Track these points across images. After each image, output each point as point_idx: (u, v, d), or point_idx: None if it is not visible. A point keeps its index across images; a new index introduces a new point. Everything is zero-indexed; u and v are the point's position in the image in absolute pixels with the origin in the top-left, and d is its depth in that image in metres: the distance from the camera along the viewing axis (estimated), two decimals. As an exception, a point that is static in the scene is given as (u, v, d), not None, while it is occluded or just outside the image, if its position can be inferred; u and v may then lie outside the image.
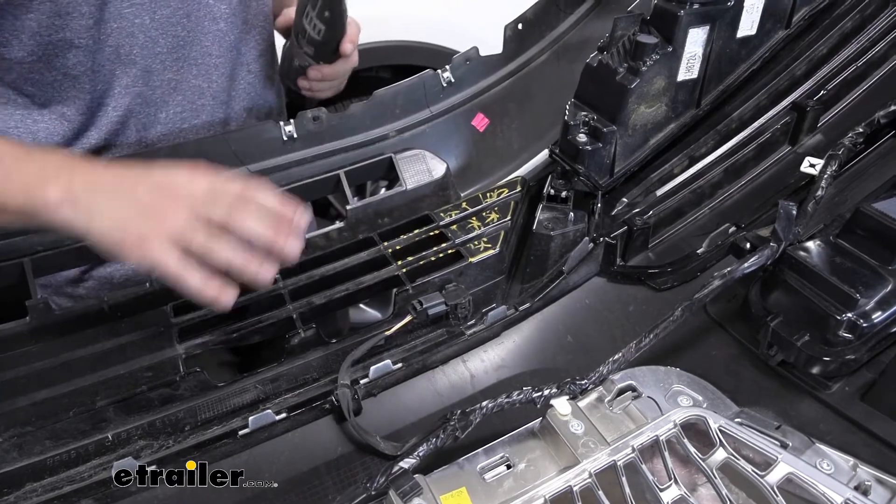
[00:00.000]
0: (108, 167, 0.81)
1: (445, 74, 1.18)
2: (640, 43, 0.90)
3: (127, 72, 1.04)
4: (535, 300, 0.95)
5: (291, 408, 0.83)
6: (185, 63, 1.09)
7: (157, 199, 0.77)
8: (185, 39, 1.08)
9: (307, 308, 0.91)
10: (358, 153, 1.13)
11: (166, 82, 1.09)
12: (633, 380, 0.77)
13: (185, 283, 0.76)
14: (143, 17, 1.02)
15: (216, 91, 1.15)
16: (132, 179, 0.79)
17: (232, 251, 0.76)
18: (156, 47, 1.05)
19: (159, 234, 0.75)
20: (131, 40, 1.02)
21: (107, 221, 0.77)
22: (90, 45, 0.99)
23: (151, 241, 0.75)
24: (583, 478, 0.65)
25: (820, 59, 1.04)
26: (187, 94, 1.12)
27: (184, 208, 0.76)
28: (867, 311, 0.74)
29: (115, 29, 1.00)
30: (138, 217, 0.77)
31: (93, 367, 0.85)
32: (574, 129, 0.96)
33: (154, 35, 1.04)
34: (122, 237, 0.76)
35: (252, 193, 0.78)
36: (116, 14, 0.99)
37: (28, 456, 0.77)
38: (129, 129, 1.09)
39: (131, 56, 1.03)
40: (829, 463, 0.67)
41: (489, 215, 1.02)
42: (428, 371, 0.91)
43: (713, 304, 0.90)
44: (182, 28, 1.07)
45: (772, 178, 1.04)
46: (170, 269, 0.75)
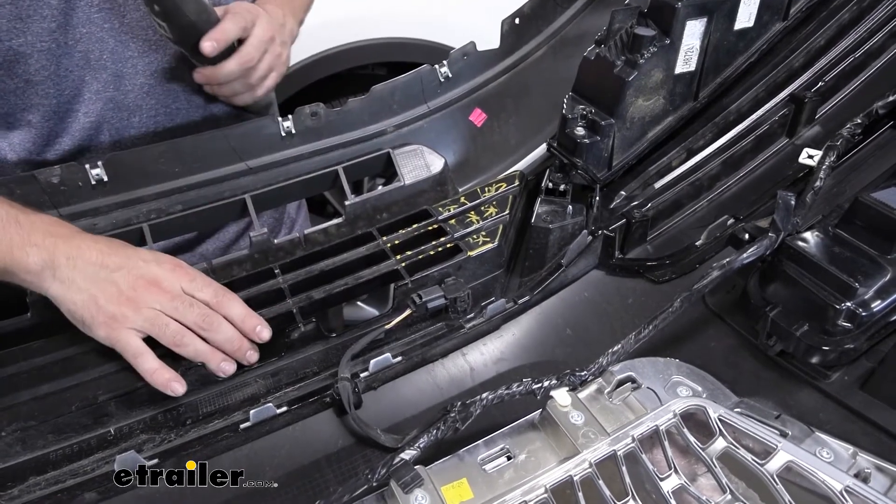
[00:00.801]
0: (95, 243, 0.85)
1: (443, 70, 1.18)
2: (637, 35, 0.90)
3: (97, 77, 1.04)
4: (534, 293, 0.96)
5: (292, 401, 0.84)
6: (157, 67, 1.08)
7: (135, 290, 0.83)
8: (157, 43, 1.07)
9: (307, 302, 0.92)
10: (356, 149, 1.13)
11: (139, 87, 1.08)
12: (632, 371, 0.78)
13: (140, 367, 0.82)
14: (113, 22, 1.01)
15: (190, 94, 1.14)
16: (115, 263, 0.84)
17: (194, 350, 0.84)
18: (126, 51, 1.04)
19: (129, 320, 0.82)
20: (101, 45, 1.02)
21: (82, 297, 0.82)
22: (53, 48, 0.98)
23: (120, 324, 0.81)
24: (583, 468, 0.65)
25: (818, 50, 1.05)
26: (161, 97, 1.11)
27: (157, 304, 0.83)
28: (866, 300, 0.74)
29: (83, 34, 0.99)
30: (113, 301, 0.82)
31: (94, 361, 0.85)
32: (572, 122, 0.96)
33: (124, 39, 1.03)
34: (92, 315, 0.82)
35: (224, 302, 0.86)
36: (85, 19, 0.99)
37: (31, 450, 0.77)
38: (103, 133, 1.08)
39: (101, 61, 1.03)
40: (828, 451, 0.68)
41: (487, 209, 1.02)
42: (428, 364, 0.92)
43: (712, 296, 0.90)
44: (153, 32, 1.05)
45: (770, 170, 1.04)
46: (129, 351, 0.82)
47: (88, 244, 0.84)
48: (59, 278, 0.82)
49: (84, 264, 0.82)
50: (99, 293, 0.82)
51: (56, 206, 0.94)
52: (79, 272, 0.82)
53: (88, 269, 0.82)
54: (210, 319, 0.84)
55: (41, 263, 0.81)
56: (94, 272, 0.82)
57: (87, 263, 0.82)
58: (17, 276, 0.82)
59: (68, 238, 0.84)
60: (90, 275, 0.82)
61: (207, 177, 1.04)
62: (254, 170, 1.06)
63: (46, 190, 0.92)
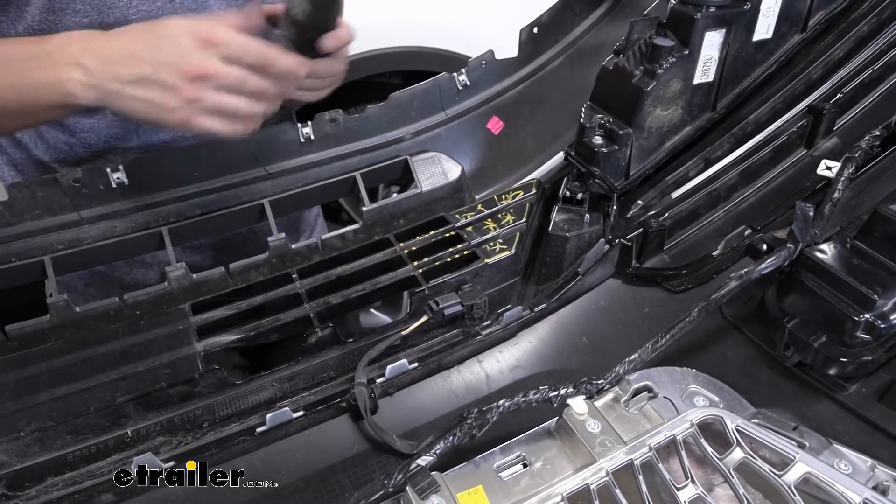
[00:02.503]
0: (116, 38, 0.85)
1: (461, 78, 1.19)
2: (656, 46, 0.90)
3: None
4: (551, 301, 0.96)
5: (308, 406, 0.84)
6: None
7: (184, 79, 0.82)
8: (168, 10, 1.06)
9: (324, 307, 0.92)
10: (374, 155, 1.14)
11: None
12: (649, 380, 0.78)
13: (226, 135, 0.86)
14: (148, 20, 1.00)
15: None
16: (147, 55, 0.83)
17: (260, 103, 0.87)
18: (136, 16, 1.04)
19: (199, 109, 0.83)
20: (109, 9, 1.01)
21: (138, 105, 0.83)
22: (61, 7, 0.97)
23: (193, 116, 0.83)
24: (600, 476, 0.65)
25: (836, 62, 1.04)
26: None
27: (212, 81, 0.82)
28: (885, 312, 0.74)
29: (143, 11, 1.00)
30: (169, 99, 0.83)
31: (113, 363, 0.86)
32: (590, 131, 0.96)
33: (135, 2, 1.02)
34: (159, 117, 0.84)
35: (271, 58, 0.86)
36: (122, 19, 0.99)
37: (49, 451, 0.78)
38: (131, 132, 1.09)
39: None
40: (846, 463, 0.67)
41: (504, 217, 1.03)
42: (444, 371, 0.92)
43: (729, 306, 0.90)
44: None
45: (787, 181, 1.04)
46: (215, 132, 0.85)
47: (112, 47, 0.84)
48: (107, 93, 0.83)
49: (120, 71, 0.83)
50: (153, 97, 0.83)
51: (77, 209, 0.94)
52: (120, 83, 0.83)
53: (127, 76, 0.83)
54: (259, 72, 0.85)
55: (82, 87, 0.82)
56: (134, 77, 0.83)
57: (122, 69, 0.83)
58: (75, 107, 0.85)
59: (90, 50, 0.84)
60: (132, 81, 0.83)
61: (226, 182, 1.04)
62: (272, 175, 1.07)
63: (67, 192, 0.93)
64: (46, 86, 0.83)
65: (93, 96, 0.83)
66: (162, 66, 0.82)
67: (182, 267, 0.95)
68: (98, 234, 0.97)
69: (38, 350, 0.87)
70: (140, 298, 0.93)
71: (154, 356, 0.86)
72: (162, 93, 0.82)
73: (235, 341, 0.89)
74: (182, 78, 0.82)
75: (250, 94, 0.85)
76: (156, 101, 0.83)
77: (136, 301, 0.93)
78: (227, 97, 0.84)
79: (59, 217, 0.94)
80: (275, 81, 0.87)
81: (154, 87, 0.82)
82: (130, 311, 0.92)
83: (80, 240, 0.96)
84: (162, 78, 0.82)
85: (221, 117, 0.85)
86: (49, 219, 0.94)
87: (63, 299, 0.88)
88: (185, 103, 0.82)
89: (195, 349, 0.87)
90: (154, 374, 0.84)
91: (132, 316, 0.92)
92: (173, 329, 0.90)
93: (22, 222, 0.93)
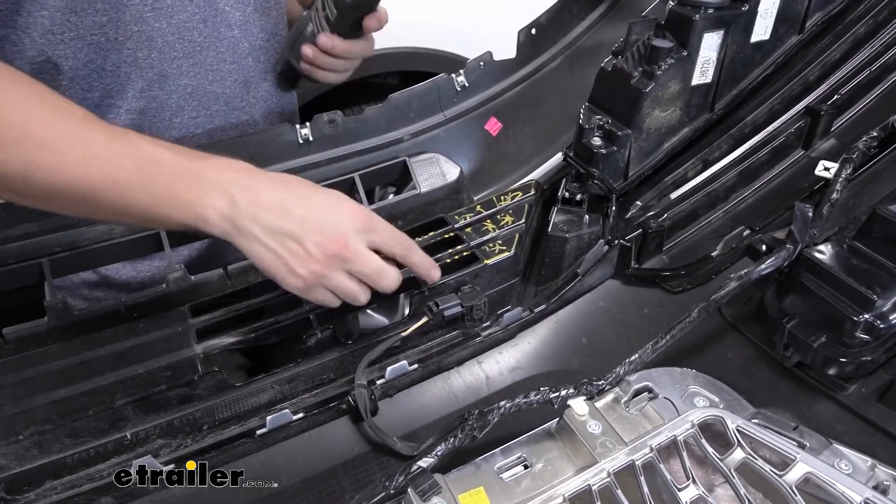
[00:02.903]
0: (273, 184, 0.81)
1: (459, 79, 1.19)
2: (654, 47, 0.90)
3: (143, 75, 1.04)
4: (550, 302, 0.96)
5: (308, 408, 0.84)
6: (200, 69, 1.09)
7: (324, 251, 0.80)
8: (202, 45, 1.08)
9: (323, 309, 0.92)
10: (372, 156, 1.14)
11: (182, 87, 1.09)
12: (649, 381, 0.78)
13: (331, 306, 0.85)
14: (161, 22, 1.02)
15: (230, 97, 1.15)
16: (299, 212, 0.80)
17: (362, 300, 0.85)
18: (172, 52, 1.05)
19: (319, 283, 0.81)
20: (149, 44, 1.02)
21: (268, 255, 0.80)
22: (102, 42, 0.98)
23: (311, 286, 0.81)
24: (601, 477, 0.65)
25: (833, 63, 1.05)
26: (202, 99, 1.12)
27: (345, 265, 0.81)
28: (884, 312, 0.74)
29: (134, 32, 1.00)
30: (301, 265, 0.80)
31: (111, 366, 0.85)
32: (588, 132, 0.96)
33: (171, 40, 1.04)
34: (283, 275, 0.81)
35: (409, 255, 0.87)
36: (138, 17, 0.99)
37: (48, 454, 0.77)
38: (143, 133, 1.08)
39: (148, 60, 1.03)
40: (846, 463, 0.68)
41: (503, 218, 1.03)
42: (444, 372, 0.92)
43: (728, 307, 0.90)
44: (198, 33, 1.07)
45: (785, 182, 1.04)
46: (328, 305, 0.84)
47: (266, 192, 0.80)
48: (241, 231, 0.79)
49: (265, 216, 0.79)
50: (286, 254, 0.79)
51: (75, 211, 0.94)
52: (260, 227, 0.79)
53: (270, 224, 0.79)
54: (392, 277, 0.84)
55: (219, 217, 0.78)
56: (277, 228, 0.79)
57: (267, 215, 0.79)
58: (200, 229, 0.79)
59: (243, 185, 0.79)
60: (274, 231, 0.79)
61: (225, 183, 1.04)
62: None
63: (66, 195, 0.92)
64: (184, 204, 0.77)
65: (225, 229, 0.78)
66: (310, 231, 0.79)
67: (181, 269, 0.94)
68: (96, 236, 0.97)
69: (35, 353, 0.87)
70: (138, 300, 0.93)
71: (153, 358, 0.86)
72: (295, 255, 0.79)
73: (235, 343, 0.89)
74: (324, 250, 0.79)
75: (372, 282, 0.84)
76: (285, 260, 0.79)
77: (134, 303, 0.92)
78: (351, 282, 0.82)
79: (56, 219, 0.94)
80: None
81: (290, 246, 0.79)
82: (129, 313, 0.92)
83: (77, 242, 0.96)
84: (304, 241, 0.79)
85: (334, 295, 0.83)
86: (47, 221, 0.94)
87: (61, 301, 0.88)
88: (312, 274, 0.80)
89: (195, 351, 0.87)
90: (153, 376, 0.84)
91: (131, 318, 0.92)
92: (172, 331, 0.89)
93: (20, 224, 0.93)
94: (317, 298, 0.83)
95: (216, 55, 1.10)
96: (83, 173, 0.74)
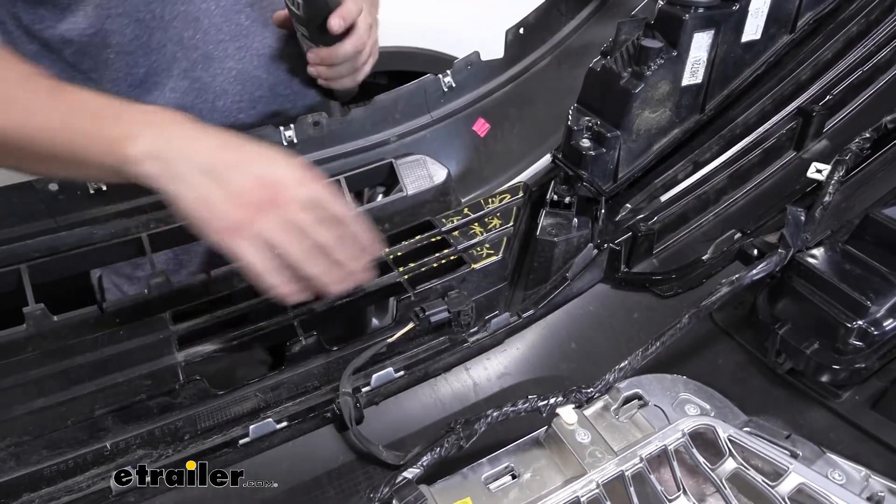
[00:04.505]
0: (204, 132, 0.76)
1: (446, 79, 1.17)
2: (644, 47, 0.89)
3: (188, 55, 1.05)
4: (539, 307, 0.94)
5: (292, 416, 0.82)
6: (246, 52, 1.10)
7: (254, 192, 0.73)
8: (248, 29, 1.09)
9: (308, 315, 0.90)
10: (358, 158, 1.12)
11: (226, 70, 1.10)
12: (639, 388, 0.76)
13: (265, 282, 0.75)
14: (209, 3, 1.04)
15: (274, 84, 1.16)
16: (230, 157, 0.74)
17: (317, 266, 0.76)
18: (218, 34, 1.06)
19: (250, 231, 0.73)
20: (195, 25, 1.04)
21: (194, 194, 0.73)
22: (148, 20, 1.00)
23: (241, 234, 0.73)
24: (590, 488, 0.64)
25: (825, 63, 1.03)
26: (246, 84, 1.13)
27: (280, 211, 0.73)
28: (878, 318, 0.73)
29: (180, 11, 1.01)
30: (230, 204, 0.73)
31: (91, 375, 0.83)
32: (577, 133, 0.94)
33: (217, 22, 1.05)
34: (208, 218, 0.73)
35: (348, 219, 0.78)
36: None
37: (25, 466, 0.76)
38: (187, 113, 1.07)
39: (193, 41, 1.05)
40: (840, 473, 0.66)
41: (491, 221, 1.01)
42: (430, 379, 0.90)
43: (719, 312, 0.89)
44: (245, 17, 1.08)
45: (777, 184, 1.03)
46: (255, 268, 0.74)
47: (197, 134, 0.75)
48: (168, 170, 0.72)
49: (195, 156, 0.73)
50: (213, 196, 0.72)
51: (53, 216, 0.92)
52: (189, 165, 0.72)
53: (200, 163, 0.73)
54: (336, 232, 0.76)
55: (144, 152, 0.72)
56: (205, 167, 0.73)
57: (198, 156, 0.73)
58: (121, 171, 0.74)
59: (173, 127, 0.75)
60: (202, 171, 0.72)
61: (208, 186, 1.02)
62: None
63: (44, 199, 0.91)
64: (109, 143, 0.73)
65: (150, 171, 0.72)
66: (240, 170, 0.74)
67: (161, 274, 0.92)
68: (75, 242, 0.95)
69: (13, 361, 0.84)
70: (119, 307, 0.91)
71: (133, 367, 0.84)
72: (221, 195, 0.72)
73: (217, 350, 0.87)
74: (251, 191, 0.73)
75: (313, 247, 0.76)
76: (209, 200, 0.72)
77: (115, 310, 0.90)
78: (282, 235, 0.74)
79: (34, 224, 0.92)
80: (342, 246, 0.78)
81: (217, 186, 0.72)
82: (110, 320, 0.90)
83: (57, 247, 0.94)
84: (232, 180, 0.73)
85: (266, 257, 0.74)
86: (25, 226, 0.92)
87: (40, 308, 0.86)
88: (237, 219, 0.73)
89: (176, 359, 0.85)
90: (133, 385, 0.82)
91: (111, 325, 0.90)
92: (153, 338, 0.87)
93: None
94: (242, 255, 0.73)
95: (262, 40, 1.12)
96: (23, 122, 0.75)
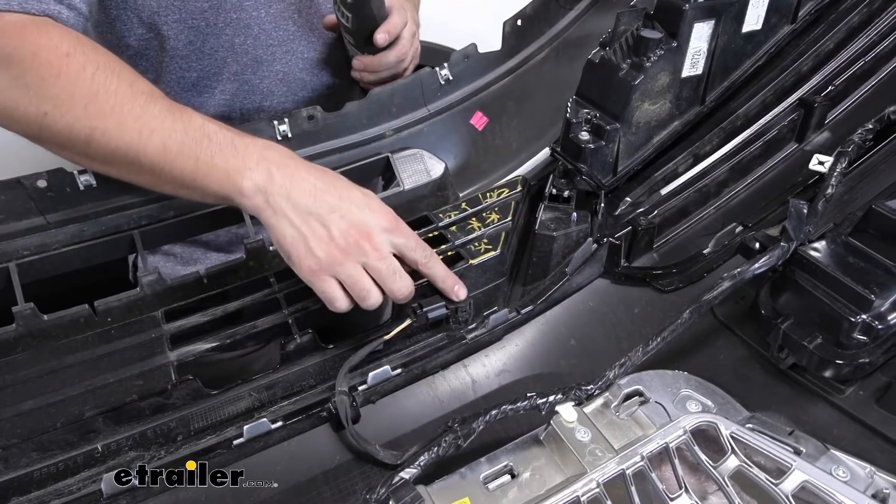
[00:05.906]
0: (309, 174, 0.83)
1: (443, 72, 1.16)
2: (643, 38, 0.88)
3: (238, 60, 1.11)
4: (538, 303, 0.93)
5: (287, 416, 0.81)
6: (292, 56, 1.16)
7: (346, 239, 0.81)
8: (296, 34, 1.15)
9: (303, 313, 0.89)
10: (354, 153, 1.11)
11: (274, 73, 1.15)
12: (640, 384, 0.75)
13: (334, 308, 0.83)
14: (259, 11, 1.09)
15: (317, 86, 1.23)
16: (330, 202, 0.82)
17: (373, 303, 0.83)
18: (268, 39, 1.12)
19: (333, 270, 0.81)
20: (246, 31, 1.09)
21: (292, 233, 0.80)
22: (202, 27, 1.06)
23: (323, 271, 0.81)
24: (590, 487, 0.63)
25: (827, 54, 1.02)
26: (292, 85, 1.19)
27: (366, 258, 0.81)
28: (882, 312, 0.72)
29: (233, 19, 1.07)
30: (323, 247, 0.80)
31: (81, 375, 0.82)
32: (576, 126, 0.93)
33: (267, 28, 1.11)
34: (299, 255, 0.81)
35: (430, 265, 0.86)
36: (237, 5, 1.06)
37: (14, 469, 0.74)
38: (234, 113, 1.16)
39: (244, 46, 1.10)
40: (844, 470, 0.65)
41: (489, 216, 1.00)
42: (428, 376, 0.89)
43: (721, 306, 0.88)
44: (293, 23, 1.15)
45: (779, 177, 1.01)
46: (333, 302, 0.82)
47: (303, 174, 0.82)
48: (272, 206, 0.81)
49: (298, 196, 0.81)
50: (309, 234, 0.80)
51: (43, 213, 0.91)
52: (291, 204, 0.80)
53: (301, 203, 0.81)
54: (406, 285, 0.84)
55: (254, 189, 0.80)
56: (305, 207, 0.81)
57: (300, 195, 0.81)
58: (234, 201, 0.82)
59: (283, 164, 0.82)
60: (302, 210, 0.80)
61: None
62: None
63: (33, 196, 0.89)
64: (224, 174, 0.80)
65: (257, 202, 0.81)
66: (337, 217, 0.81)
67: (155, 271, 0.91)
68: (65, 239, 0.93)
69: (2, 362, 0.83)
70: (111, 305, 0.89)
71: (125, 367, 0.82)
72: (317, 236, 0.80)
73: (210, 349, 0.86)
74: (347, 237, 0.80)
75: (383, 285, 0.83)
76: (305, 239, 0.80)
77: (106, 308, 0.89)
78: (365, 277, 0.82)
79: (24, 222, 0.91)
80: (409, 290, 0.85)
81: (315, 227, 0.80)
82: (101, 318, 0.89)
83: (46, 245, 0.92)
84: (329, 223, 0.80)
85: (345, 293, 0.82)
86: (13, 224, 0.90)
87: (29, 308, 0.85)
88: (329, 257, 0.80)
89: (168, 359, 0.83)
90: (125, 385, 0.80)
91: (103, 324, 0.88)
92: (145, 338, 0.86)
93: (-11, 227, 0.90)
94: (324, 290, 0.81)
95: (307, 44, 1.19)
96: (139, 140, 0.80)
